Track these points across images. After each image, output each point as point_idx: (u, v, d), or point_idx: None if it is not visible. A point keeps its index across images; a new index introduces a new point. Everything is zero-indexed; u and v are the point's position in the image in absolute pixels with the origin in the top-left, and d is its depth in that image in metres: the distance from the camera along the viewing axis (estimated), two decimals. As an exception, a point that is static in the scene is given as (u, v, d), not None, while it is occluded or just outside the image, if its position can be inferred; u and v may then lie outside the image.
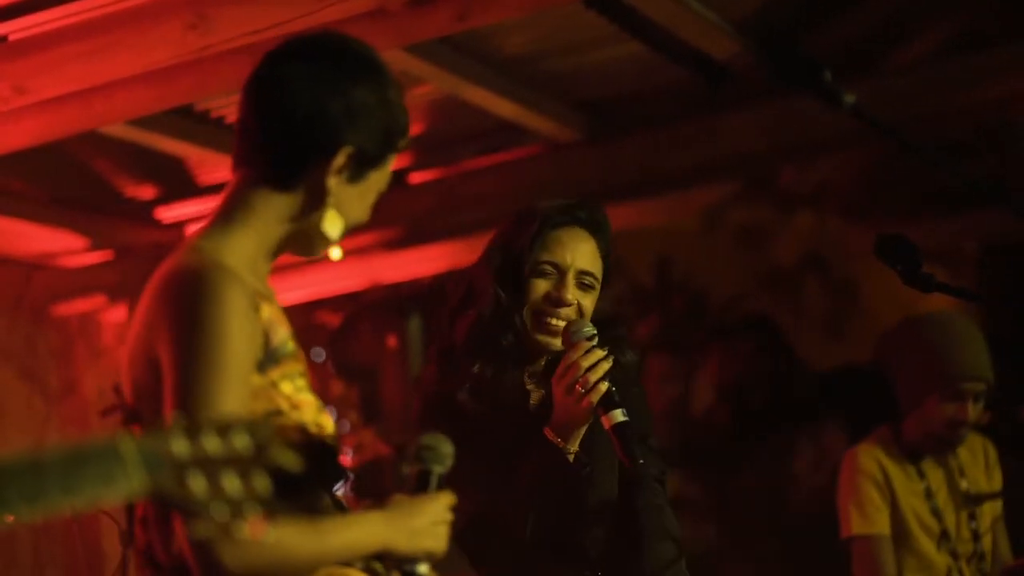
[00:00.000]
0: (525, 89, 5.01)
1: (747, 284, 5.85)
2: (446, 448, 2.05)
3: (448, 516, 2.00)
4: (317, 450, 1.92)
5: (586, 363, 2.61)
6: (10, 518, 1.38)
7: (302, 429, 1.90)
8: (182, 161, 5.29)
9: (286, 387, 1.91)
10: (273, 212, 1.97)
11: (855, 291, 5.65)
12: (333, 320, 7.27)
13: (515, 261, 2.75)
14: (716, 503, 5.22)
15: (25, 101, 3.97)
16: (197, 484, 1.43)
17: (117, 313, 5.67)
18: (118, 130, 4.76)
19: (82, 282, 5.67)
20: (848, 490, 3.68)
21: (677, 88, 5.12)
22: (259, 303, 1.91)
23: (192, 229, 5.42)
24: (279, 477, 1.86)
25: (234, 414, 1.45)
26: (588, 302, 2.75)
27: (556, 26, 4.58)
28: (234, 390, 1.80)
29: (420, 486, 2.03)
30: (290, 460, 1.48)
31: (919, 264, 2.13)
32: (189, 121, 4.86)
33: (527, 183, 5.31)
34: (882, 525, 3.63)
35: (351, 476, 1.98)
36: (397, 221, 5.61)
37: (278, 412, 1.89)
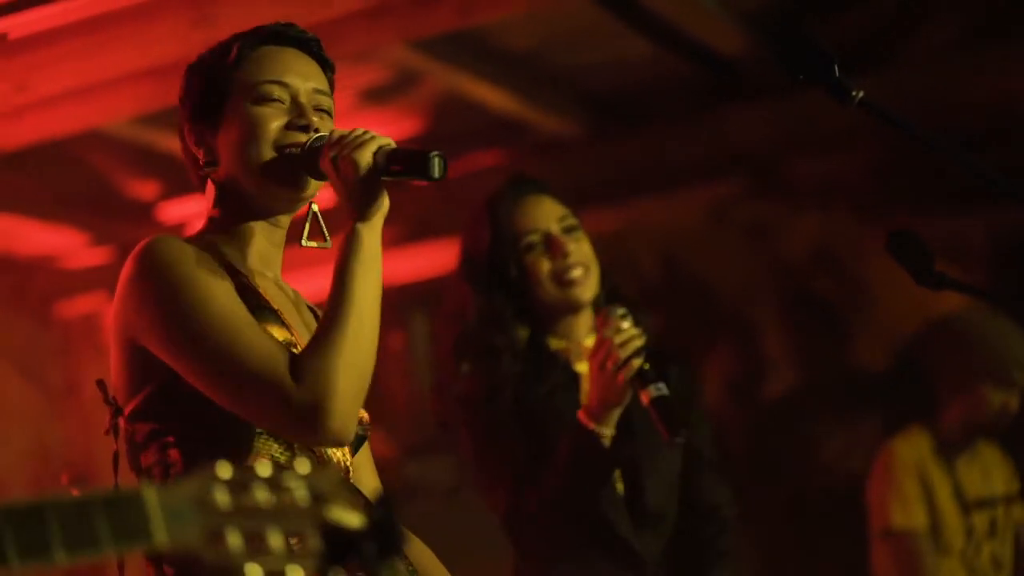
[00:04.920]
0: (530, 85, 4.98)
1: (755, 281, 5.80)
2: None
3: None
4: None
5: (618, 339, 2.58)
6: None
7: None
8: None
9: None
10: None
11: (865, 288, 5.60)
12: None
13: (497, 259, 2.77)
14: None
15: (26, 99, 3.94)
16: (235, 541, 1.23)
17: (119, 312, 5.65)
18: (120, 128, 4.72)
19: (84, 281, 5.64)
20: (886, 482, 3.66)
21: (683, 83, 5.08)
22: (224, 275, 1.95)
23: (194, 226, 5.39)
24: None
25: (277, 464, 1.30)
26: (584, 246, 2.79)
27: (560, 22, 4.55)
28: (242, 326, 1.84)
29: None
30: (351, 519, 1.28)
31: (931, 261, 2.09)
32: (192, 119, 4.82)
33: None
34: (923, 520, 3.61)
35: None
36: (400, 219, 5.56)
37: None
